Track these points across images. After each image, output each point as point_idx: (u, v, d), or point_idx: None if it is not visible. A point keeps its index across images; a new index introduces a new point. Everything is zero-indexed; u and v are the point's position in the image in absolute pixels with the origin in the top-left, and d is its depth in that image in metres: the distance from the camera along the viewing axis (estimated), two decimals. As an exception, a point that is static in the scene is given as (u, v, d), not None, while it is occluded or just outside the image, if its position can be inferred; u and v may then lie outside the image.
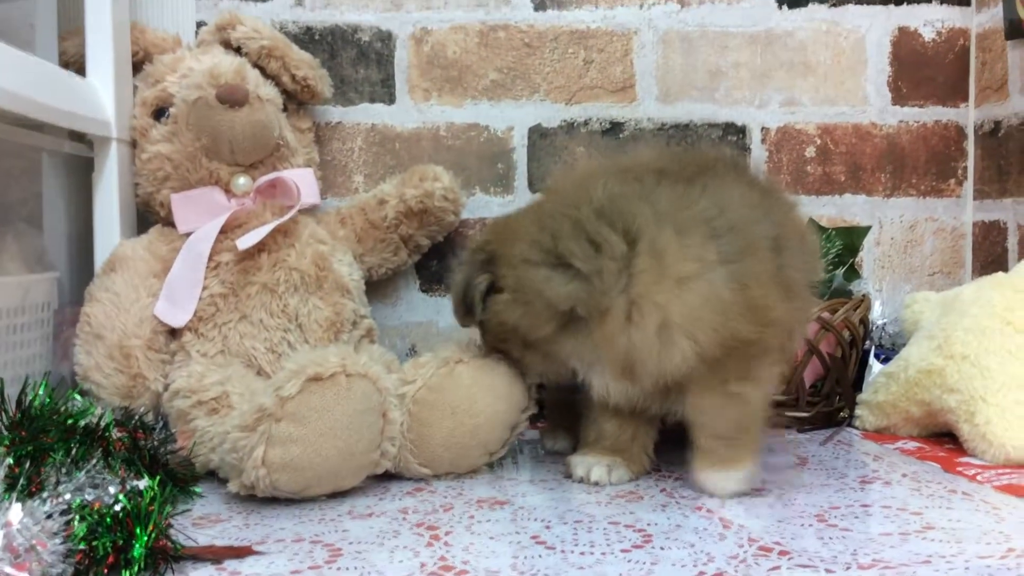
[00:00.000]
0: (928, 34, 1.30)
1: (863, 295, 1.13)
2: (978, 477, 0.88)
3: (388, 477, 0.88)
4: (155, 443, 0.84)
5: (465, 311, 0.89)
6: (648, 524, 0.74)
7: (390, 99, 1.25)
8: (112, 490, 0.74)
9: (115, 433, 0.81)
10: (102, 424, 0.79)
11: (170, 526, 0.67)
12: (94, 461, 0.73)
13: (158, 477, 0.78)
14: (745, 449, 0.83)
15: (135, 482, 0.75)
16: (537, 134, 1.27)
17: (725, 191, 0.83)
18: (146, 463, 0.80)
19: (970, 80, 1.31)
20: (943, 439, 1.04)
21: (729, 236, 0.80)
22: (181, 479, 0.84)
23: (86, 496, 0.72)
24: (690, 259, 0.78)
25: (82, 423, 0.77)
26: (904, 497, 0.81)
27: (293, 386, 0.76)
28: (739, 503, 0.80)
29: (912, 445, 1.02)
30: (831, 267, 1.13)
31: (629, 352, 0.79)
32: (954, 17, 1.30)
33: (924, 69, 1.30)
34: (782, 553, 0.67)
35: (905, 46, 1.30)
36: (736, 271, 0.79)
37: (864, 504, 0.79)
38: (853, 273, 1.16)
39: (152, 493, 0.74)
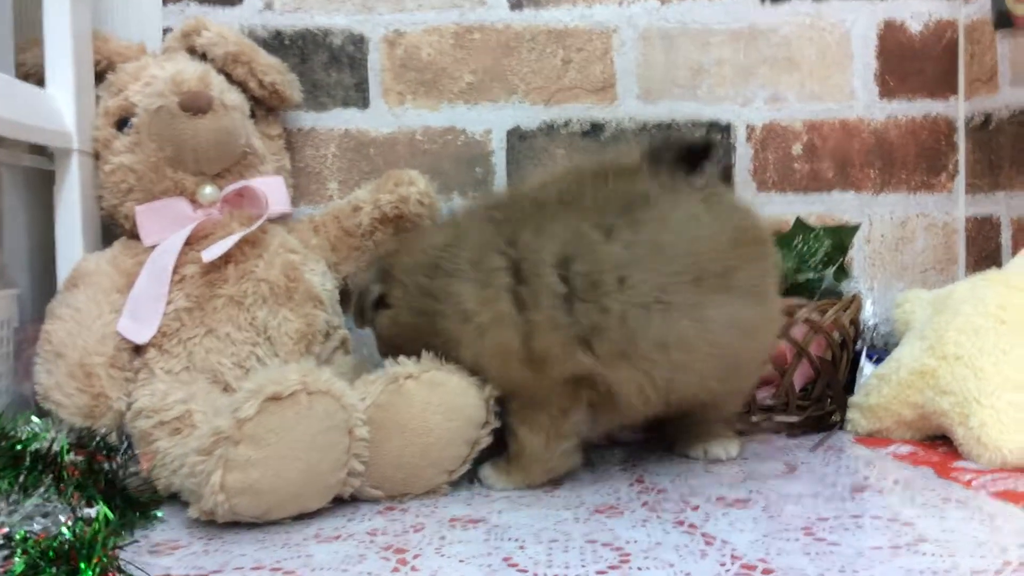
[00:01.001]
0: (915, 27, 1.27)
1: (854, 295, 1.09)
2: (973, 483, 0.84)
3: (358, 498, 0.84)
4: (114, 466, 0.81)
5: (358, 316, 0.96)
6: (627, 542, 0.71)
7: (364, 103, 1.22)
8: (63, 519, 0.71)
9: (70, 457, 0.77)
10: (55, 448, 0.76)
11: (117, 557, 0.64)
12: (42, 489, 0.70)
13: (113, 503, 0.76)
14: (516, 476, 0.87)
15: (87, 510, 0.72)
16: (516, 137, 1.23)
17: (577, 231, 0.82)
18: (101, 488, 0.76)
19: (959, 72, 1.27)
20: (937, 442, 1.00)
21: (528, 284, 0.82)
22: (141, 504, 0.81)
23: (34, 526, 0.69)
24: (486, 310, 0.83)
25: (32, 448, 0.74)
26: (896, 506, 0.78)
27: (251, 407, 0.72)
28: (724, 515, 0.76)
29: (905, 449, 0.98)
30: (820, 267, 1.10)
31: None
32: (941, 9, 1.27)
33: (912, 62, 1.27)
34: (766, 572, 0.63)
35: (892, 39, 1.27)
36: (524, 321, 0.82)
37: (854, 515, 0.76)
38: (843, 273, 1.12)
39: (102, 521, 0.71)
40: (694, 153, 0.86)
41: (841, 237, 1.13)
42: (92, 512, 0.72)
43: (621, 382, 0.82)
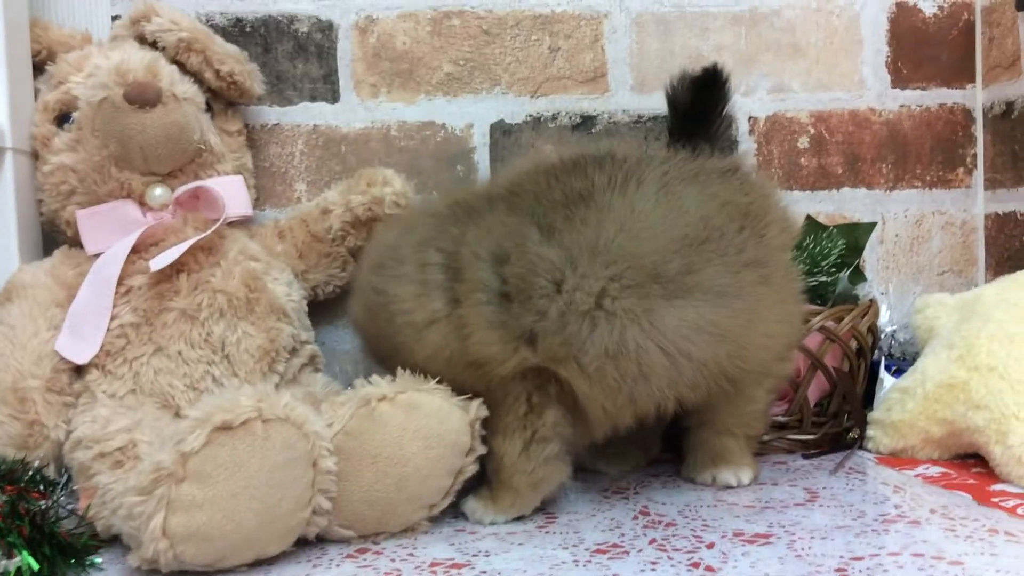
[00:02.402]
0: (929, 9, 1.18)
1: (870, 300, 1.00)
2: (1019, 510, 0.75)
3: (325, 538, 0.74)
4: (45, 506, 0.70)
5: None
6: (635, 591, 0.61)
7: (333, 97, 1.12)
8: (-25, 573, 0.61)
9: (-9, 498, 0.67)
10: (-29, 489, 0.65)
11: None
12: (-51, 540, 0.60)
13: (40, 551, 0.66)
14: (503, 501, 0.78)
15: (6, 560, 0.62)
16: (500, 131, 1.13)
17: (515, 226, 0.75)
18: (26, 534, 0.66)
19: (976, 58, 1.18)
20: (969, 461, 0.91)
21: (462, 281, 0.75)
22: (76, 550, 0.70)
23: (-61, 584, 0.59)
24: (420, 308, 0.76)
25: (-58, 489, 0.64)
26: (937, 541, 0.68)
27: (197, 438, 0.62)
28: (745, 555, 0.67)
29: (935, 471, 0.89)
30: (833, 269, 1.00)
31: None
32: (956, -11, 1.18)
33: (925, 48, 1.18)
34: (802, 629, 0.54)
35: (904, 23, 1.18)
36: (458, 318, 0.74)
37: (892, 552, 0.66)
38: (858, 275, 1.03)
39: (26, 574, 0.61)
40: (703, 87, 0.83)
41: (856, 236, 1.04)
42: (11, 565, 0.62)
43: (575, 382, 0.74)
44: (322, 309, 1.07)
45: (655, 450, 0.96)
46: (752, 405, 0.86)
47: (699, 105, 0.85)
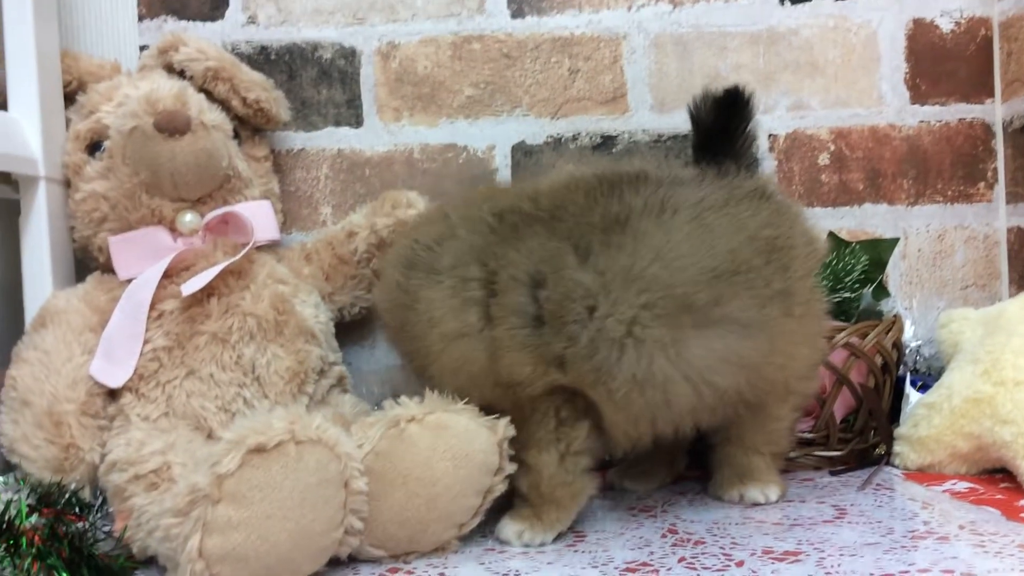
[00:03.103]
0: (946, 25, 1.18)
1: (895, 315, 1.00)
2: (1048, 525, 0.75)
3: (357, 558, 0.75)
4: (82, 528, 0.72)
5: None
6: (666, 608, 0.61)
7: (357, 121, 1.13)
8: (17, 595, 0.62)
9: (31, 521, 0.68)
10: (11, 512, 0.67)
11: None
12: (-8, 562, 0.61)
13: (79, 572, 0.67)
14: (548, 516, 0.78)
15: (47, 583, 0.63)
16: (521, 152, 1.15)
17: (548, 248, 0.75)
18: (65, 556, 0.67)
19: (995, 73, 1.19)
20: (996, 476, 0.91)
21: (499, 300, 0.75)
22: (113, 572, 0.71)
23: (-17, 606, 0.60)
24: (453, 319, 0.76)
25: (-17, 513, 0.65)
26: (967, 557, 0.68)
27: (231, 460, 0.63)
28: (775, 573, 0.67)
29: (963, 486, 0.89)
30: (856, 285, 1.01)
31: None
32: (973, 5, 1.18)
33: (944, 63, 1.18)
34: (834, 645, 0.54)
35: (922, 39, 1.18)
36: (491, 337, 0.75)
37: (922, 568, 0.66)
38: (882, 291, 1.03)
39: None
40: (726, 106, 0.84)
41: (879, 252, 1.04)
42: (52, 586, 0.63)
43: (602, 406, 0.75)
44: (349, 330, 1.08)
45: (680, 466, 0.96)
46: (776, 423, 0.86)
47: (722, 124, 0.85)
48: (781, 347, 0.78)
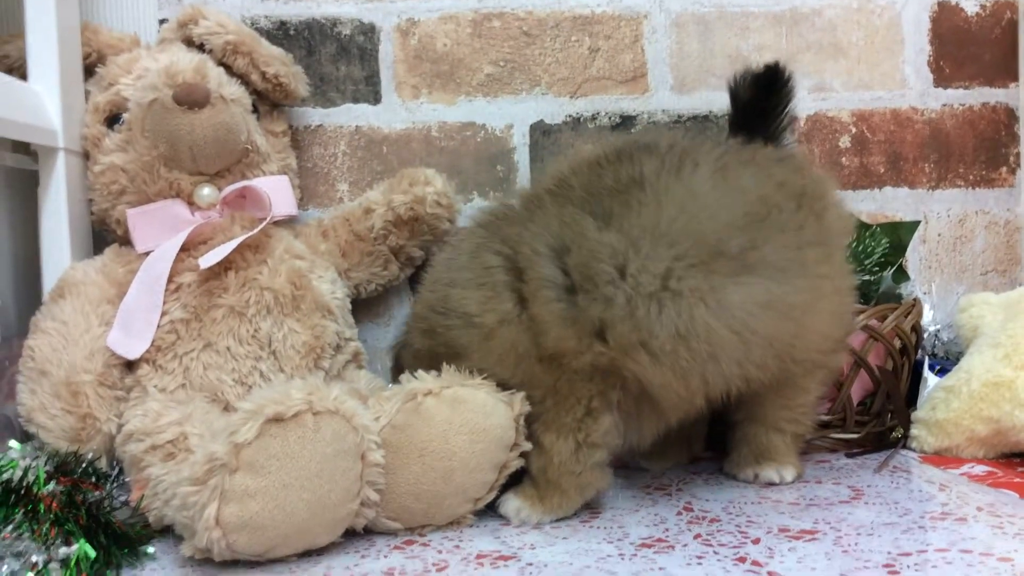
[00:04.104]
0: (971, 8, 1.17)
1: (914, 299, 0.99)
2: (1068, 509, 0.74)
3: (372, 530, 0.75)
4: (99, 497, 0.72)
5: (395, 373, 0.89)
6: (682, 583, 0.61)
7: (375, 98, 1.13)
8: (36, 559, 0.62)
9: (49, 488, 0.69)
10: (29, 478, 0.67)
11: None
12: (11, 526, 0.62)
13: (97, 539, 0.67)
14: (549, 500, 0.77)
15: (65, 548, 0.64)
16: (539, 132, 1.14)
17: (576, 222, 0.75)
18: (83, 522, 0.67)
19: (1019, 57, 1.17)
20: (1014, 460, 0.90)
21: (526, 280, 0.75)
22: (130, 539, 0.71)
23: (2, 569, 0.60)
24: (489, 311, 0.76)
25: (2, 478, 0.65)
26: (986, 538, 0.68)
27: (249, 430, 0.63)
28: (791, 550, 0.67)
29: (980, 469, 0.88)
30: (876, 268, 1.00)
31: None
32: (999, -12, 1.17)
33: (968, 47, 1.17)
34: (852, 621, 0.54)
35: (946, 22, 1.17)
36: (530, 318, 0.75)
37: (940, 548, 0.66)
38: (902, 274, 1.02)
39: (83, 562, 0.62)
40: (766, 83, 0.84)
41: (899, 234, 1.03)
42: (71, 550, 0.63)
43: (646, 373, 0.73)
44: (364, 307, 1.08)
45: (697, 448, 0.96)
46: (803, 397, 0.85)
47: (760, 101, 0.85)
48: (823, 296, 0.78)
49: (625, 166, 0.76)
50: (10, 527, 0.62)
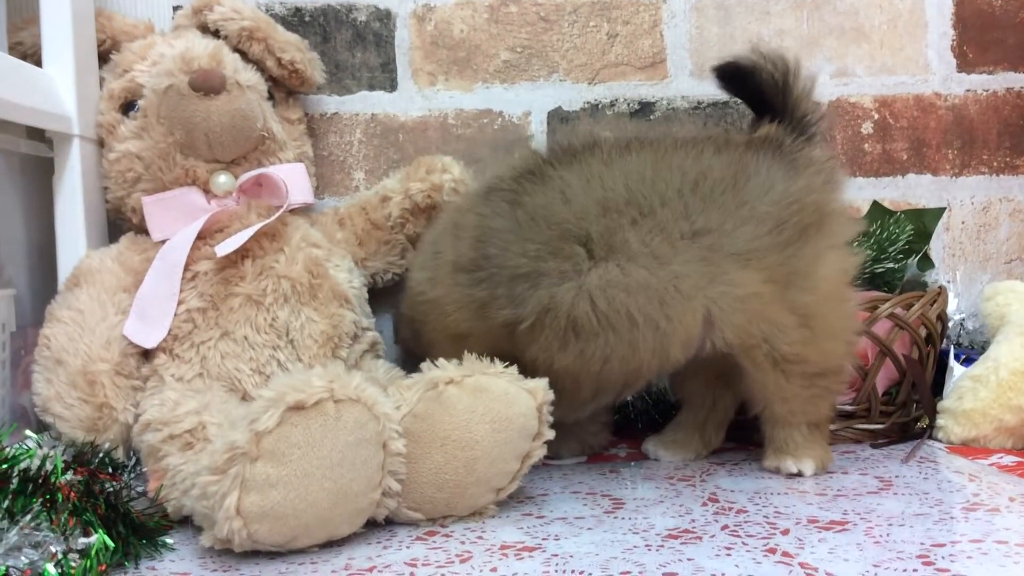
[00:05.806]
0: (995, -9, 1.15)
1: (940, 287, 0.98)
2: (1102, 499, 0.73)
3: (394, 520, 0.74)
4: (116, 487, 0.71)
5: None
6: (712, 575, 0.60)
7: (391, 85, 1.12)
8: (54, 549, 0.61)
9: (66, 477, 0.68)
10: (47, 468, 0.66)
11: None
12: (29, 516, 0.61)
13: (115, 529, 0.66)
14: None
15: (83, 538, 0.63)
16: (557, 119, 1.13)
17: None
18: (101, 512, 0.66)
19: (1045, 41, 1.16)
20: (1043, 451, 0.89)
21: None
22: (148, 529, 0.70)
23: (20, 560, 0.59)
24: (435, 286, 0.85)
25: (20, 467, 0.64)
26: (1021, 528, 0.66)
27: (270, 418, 0.62)
28: (822, 541, 0.65)
29: (1009, 460, 0.87)
30: (900, 256, 0.98)
31: None
32: (1024, -29, 1.15)
33: (992, 31, 1.15)
34: (889, 613, 0.52)
35: (969, 6, 1.15)
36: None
37: (974, 539, 0.64)
38: (927, 262, 1.01)
39: (102, 552, 0.61)
40: (727, 80, 0.90)
41: (924, 221, 1.02)
42: (89, 541, 0.62)
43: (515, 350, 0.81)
44: (381, 296, 1.07)
45: (716, 440, 0.94)
46: (783, 391, 0.82)
47: (737, 94, 0.92)
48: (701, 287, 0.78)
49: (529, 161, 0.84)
50: (28, 516, 0.61)
